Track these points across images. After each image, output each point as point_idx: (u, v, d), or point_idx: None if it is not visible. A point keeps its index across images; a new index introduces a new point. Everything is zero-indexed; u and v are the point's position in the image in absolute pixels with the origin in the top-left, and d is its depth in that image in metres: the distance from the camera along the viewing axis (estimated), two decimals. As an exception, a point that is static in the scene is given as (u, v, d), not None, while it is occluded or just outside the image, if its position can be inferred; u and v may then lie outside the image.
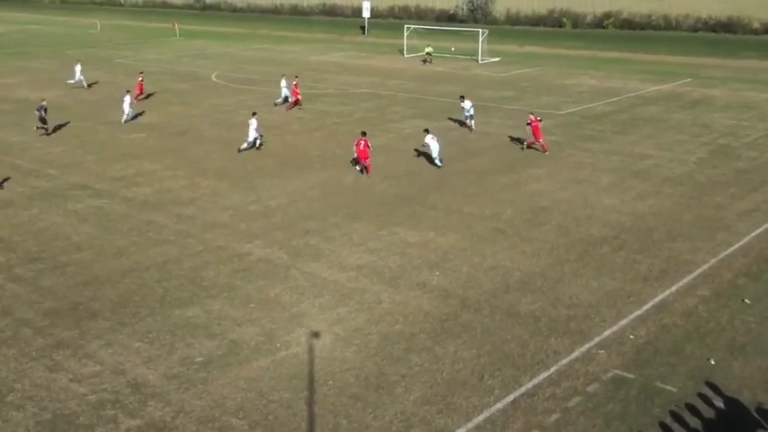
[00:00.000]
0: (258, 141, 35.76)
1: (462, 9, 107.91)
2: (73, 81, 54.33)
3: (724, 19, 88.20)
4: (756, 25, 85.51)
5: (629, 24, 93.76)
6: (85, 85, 54.33)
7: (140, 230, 25.14)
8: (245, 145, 35.61)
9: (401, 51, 75.26)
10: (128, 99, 42.14)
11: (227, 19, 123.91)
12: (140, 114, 43.78)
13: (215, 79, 58.69)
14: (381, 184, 30.24)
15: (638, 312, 19.00)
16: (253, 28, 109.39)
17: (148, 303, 19.76)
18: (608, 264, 22.03)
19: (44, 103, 39.78)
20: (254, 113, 36.56)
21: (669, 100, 47.81)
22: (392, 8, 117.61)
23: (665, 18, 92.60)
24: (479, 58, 68.67)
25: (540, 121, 34.44)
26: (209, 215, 26.60)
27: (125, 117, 41.75)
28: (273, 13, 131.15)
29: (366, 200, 28.17)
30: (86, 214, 26.86)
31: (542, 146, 34.61)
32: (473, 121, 39.44)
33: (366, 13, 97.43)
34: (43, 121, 39.11)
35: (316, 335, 18.09)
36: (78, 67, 55.02)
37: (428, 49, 68.76)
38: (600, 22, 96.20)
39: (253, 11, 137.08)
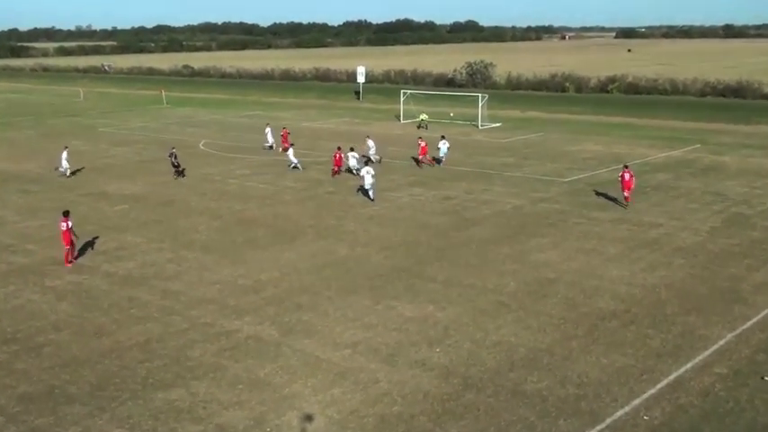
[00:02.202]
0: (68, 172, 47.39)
1: (461, 73, 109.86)
2: (267, 144, 57.14)
3: (733, 84, 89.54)
4: (767, 90, 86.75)
5: (634, 89, 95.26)
6: (268, 145, 57.41)
7: (122, 307, 25.05)
8: (61, 168, 47.52)
9: (398, 117, 76.35)
10: (291, 150, 49.34)
11: (215, 85, 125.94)
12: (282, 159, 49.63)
13: (203, 147, 59.30)
14: (377, 255, 30.30)
15: (652, 391, 18.83)
16: (243, 94, 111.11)
17: (129, 386, 19.56)
18: (618, 339, 21.93)
19: (174, 150, 48.20)
20: (65, 147, 49.32)
21: (678, 167, 48.31)
22: (388, 73, 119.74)
23: (672, 82, 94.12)
24: (479, 123, 69.62)
25: (630, 174, 37.04)
26: (195, 290, 26.55)
27: (294, 164, 48.44)
28: (264, 79, 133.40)
29: (361, 272, 28.18)
30: (65, 291, 26.80)
31: (626, 197, 37.21)
32: (444, 160, 48.94)
33: (361, 78, 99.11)
34: (175, 166, 46.83)
35: (308, 418, 17.88)
36: (269, 129, 57.77)
37: (423, 116, 69.78)
38: (604, 87, 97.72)
39: (242, 76, 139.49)
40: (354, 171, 45.62)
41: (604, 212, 36.43)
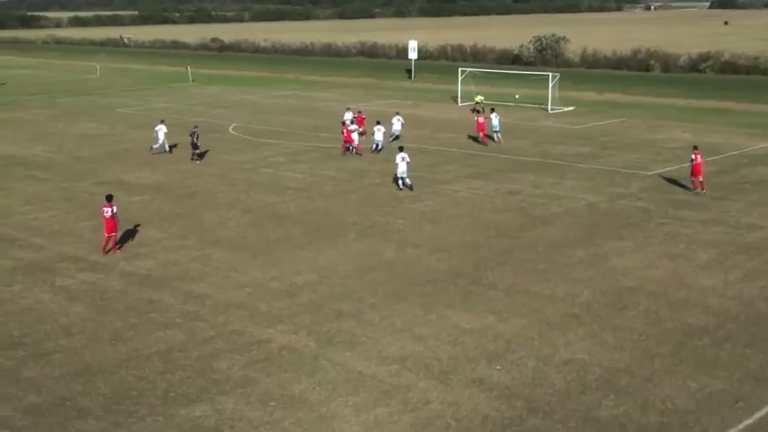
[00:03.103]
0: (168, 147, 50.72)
1: (528, 49, 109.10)
2: (392, 138, 55.77)
3: None
4: None
5: (731, 68, 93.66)
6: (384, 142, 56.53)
7: (141, 311, 25.40)
8: (156, 145, 50.63)
9: (454, 99, 76.18)
10: (382, 129, 50.13)
11: (248, 61, 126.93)
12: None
13: (233, 132, 59.86)
14: (430, 257, 30.29)
15: (749, 421, 18.54)
16: (279, 71, 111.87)
17: (148, 400, 19.83)
18: (710, 359, 21.63)
19: (196, 129, 49.27)
20: (161, 120, 52.30)
21: (783, 158, 47.48)
22: (444, 48, 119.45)
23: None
24: (549, 106, 69.16)
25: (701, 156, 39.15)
26: (222, 294, 26.82)
27: (377, 144, 50.24)
28: (303, 54, 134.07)
29: (411, 276, 28.20)
30: (78, 291, 27.27)
31: (699, 183, 39.22)
32: (499, 135, 52.58)
33: (413, 55, 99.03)
34: (195, 146, 48.38)
35: (349, 441, 17.95)
36: (349, 114, 56.89)
37: (478, 98, 69.69)
38: (696, 66, 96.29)
39: (278, 51, 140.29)
40: (375, 147, 49.88)
41: (695, 211, 35.95)
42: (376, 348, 22.49)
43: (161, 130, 50.53)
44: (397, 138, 53.11)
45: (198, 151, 48.76)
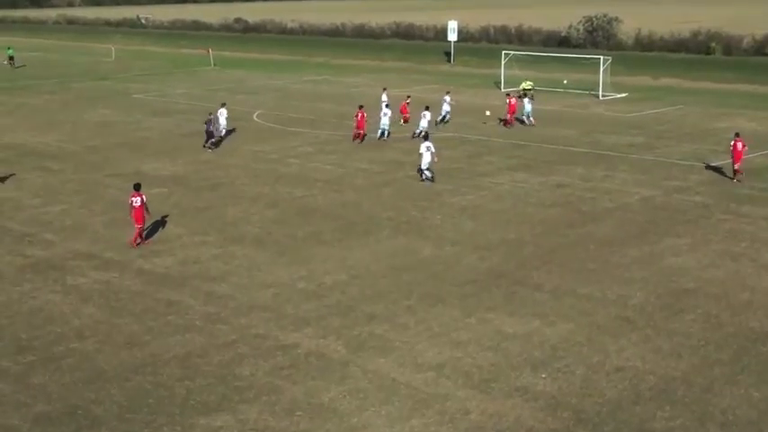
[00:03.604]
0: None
1: (578, 30, 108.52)
2: (440, 120, 55.80)
3: None
4: None
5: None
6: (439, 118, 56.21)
7: (158, 313, 25.55)
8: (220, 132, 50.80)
9: (497, 84, 75.96)
10: (428, 115, 50.39)
11: (274, 43, 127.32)
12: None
13: (257, 119, 60.06)
14: (470, 256, 30.23)
15: (818, 435, 18.37)
16: (307, 54, 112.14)
17: (166, 408, 19.94)
18: (775, 368, 21.45)
19: (211, 116, 49.96)
20: (223, 104, 52.85)
21: None
22: (486, 30, 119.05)
23: None
24: (600, 93, 68.81)
25: (742, 143, 39.57)
26: (245, 294, 26.93)
27: (421, 129, 49.28)
28: (334, 36, 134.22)
29: (450, 277, 28.16)
30: (90, 291, 27.48)
31: (736, 170, 39.98)
32: (531, 119, 55.16)
33: (452, 36, 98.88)
34: (210, 135, 49.06)
35: (381, 455, 17.97)
36: (448, 97, 56.91)
37: (526, 84, 69.36)
38: (761, 48, 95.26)
39: (307, 33, 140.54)
40: (417, 133, 49.52)
41: (758, 207, 35.61)
42: (411, 354, 22.47)
43: (222, 114, 51.43)
44: (446, 121, 55.05)
45: (212, 140, 49.29)
